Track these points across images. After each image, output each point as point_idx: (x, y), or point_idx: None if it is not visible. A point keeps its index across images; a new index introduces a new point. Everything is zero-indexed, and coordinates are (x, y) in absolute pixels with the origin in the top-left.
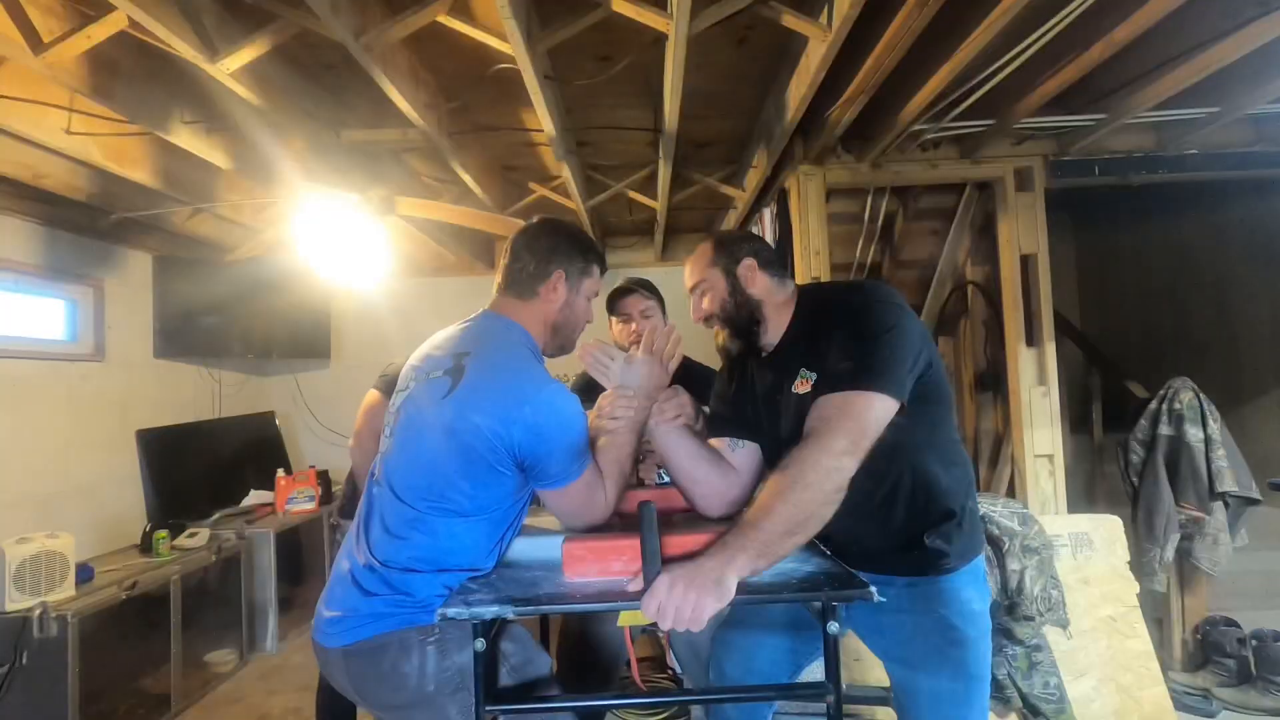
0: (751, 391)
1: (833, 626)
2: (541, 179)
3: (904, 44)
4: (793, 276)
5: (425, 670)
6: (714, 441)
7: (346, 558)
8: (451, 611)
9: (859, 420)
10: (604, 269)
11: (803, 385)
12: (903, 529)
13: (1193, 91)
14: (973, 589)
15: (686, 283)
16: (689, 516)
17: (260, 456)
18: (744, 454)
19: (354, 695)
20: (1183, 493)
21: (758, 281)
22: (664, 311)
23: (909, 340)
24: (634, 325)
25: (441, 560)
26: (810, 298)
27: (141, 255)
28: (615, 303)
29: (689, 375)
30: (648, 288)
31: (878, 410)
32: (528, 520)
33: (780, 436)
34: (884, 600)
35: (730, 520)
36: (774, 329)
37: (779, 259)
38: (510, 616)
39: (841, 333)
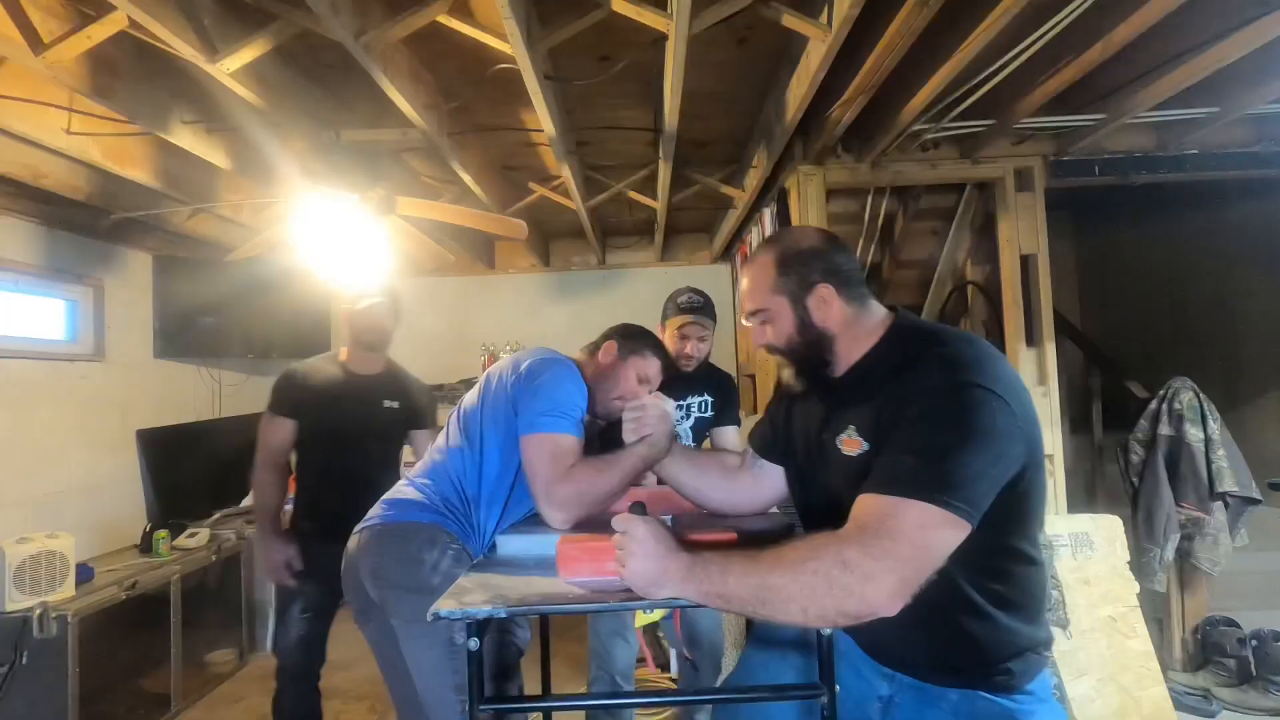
0: (801, 421)
1: (826, 629)
2: (541, 179)
3: (904, 44)
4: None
5: (439, 566)
6: (745, 449)
7: (406, 479)
8: (444, 611)
9: (909, 544)
10: (666, 362)
11: (850, 445)
12: (953, 649)
13: (1193, 91)
14: (1045, 713)
15: (743, 306)
16: (693, 516)
17: None
18: (766, 470)
19: (369, 576)
20: (1183, 493)
21: (834, 313)
22: (713, 322)
23: (999, 446)
24: (689, 346)
25: (462, 487)
26: (900, 340)
27: (141, 255)
28: (677, 317)
29: (708, 379)
30: (710, 313)
31: (939, 535)
32: (528, 521)
33: (816, 480)
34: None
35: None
36: (844, 360)
37: (860, 275)
38: (505, 616)
39: (913, 413)
